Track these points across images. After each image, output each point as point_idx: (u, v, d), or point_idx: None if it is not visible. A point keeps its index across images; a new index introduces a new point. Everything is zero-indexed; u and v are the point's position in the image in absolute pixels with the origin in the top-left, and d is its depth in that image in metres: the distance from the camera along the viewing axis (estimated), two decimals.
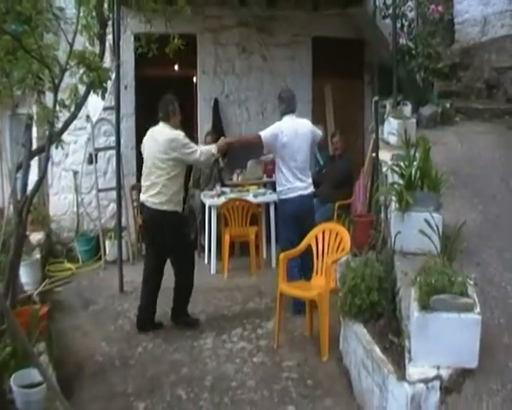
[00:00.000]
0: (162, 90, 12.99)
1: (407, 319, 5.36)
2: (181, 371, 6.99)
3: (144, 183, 8.12)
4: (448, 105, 10.95)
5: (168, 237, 8.04)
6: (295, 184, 8.58)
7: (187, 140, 8.10)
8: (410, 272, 5.52)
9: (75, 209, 12.12)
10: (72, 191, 12.11)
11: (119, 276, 9.87)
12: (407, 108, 10.17)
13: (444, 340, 4.80)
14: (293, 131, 8.57)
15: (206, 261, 10.95)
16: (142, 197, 8.14)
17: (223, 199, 10.79)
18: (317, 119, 12.97)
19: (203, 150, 8.23)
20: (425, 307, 4.85)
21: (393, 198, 6.85)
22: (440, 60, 11.09)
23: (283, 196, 8.67)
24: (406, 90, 10.83)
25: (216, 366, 7.10)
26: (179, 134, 8.04)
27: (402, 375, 4.95)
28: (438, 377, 4.75)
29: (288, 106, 8.76)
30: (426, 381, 4.74)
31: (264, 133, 8.53)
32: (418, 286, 5.00)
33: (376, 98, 9.35)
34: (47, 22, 6.66)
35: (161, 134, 8.03)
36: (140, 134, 12.06)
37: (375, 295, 6.22)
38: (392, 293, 6.29)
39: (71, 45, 6.65)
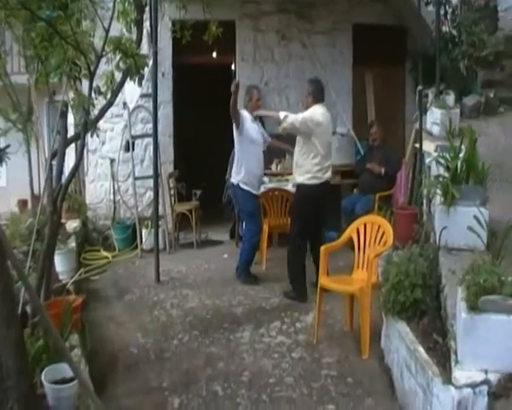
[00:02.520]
0: (200, 77, 12.83)
1: (453, 318, 5.14)
2: (217, 366, 6.82)
3: (325, 163, 8.77)
4: (492, 95, 10.63)
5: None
6: None
7: None
8: (457, 271, 5.29)
9: (112, 197, 12.08)
10: (108, 179, 12.08)
11: (156, 265, 9.76)
12: (450, 98, 9.89)
13: (492, 343, 4.57)
14: None
15: None
16: (326, 176, 8.81)
17: (261, 189, 10.58)
18: (358, 108, 12.78)
19: None
20: (473, 307, 4.62)
21: (438, 191, 6.61)
22: (484, 48, 10.77)
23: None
24: (449, 79, 10.55)
25: (253, 361, 6.93)
26: None
27: (448, 378, 4.73)
28: (486, 381, 4.53)
29: None
30: (473, 386, 4.53)
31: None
32: (466, 286, 4.77)
33: (420, 87, 9.09)
34: (84, 8, 6.52)
35: (328, 114, 8.93)
36: (177, 122, 12.03)
37: (418, 292, 6.01)
38: (436, 290, 6.07)
39: (107, 32, 6.55)
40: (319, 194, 8.78)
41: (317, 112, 8.69)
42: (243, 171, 9.63)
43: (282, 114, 8.69)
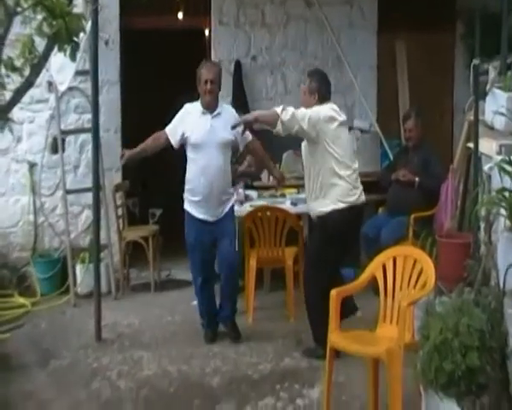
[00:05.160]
0: (160, 48, 12.76)
1: None
2: None
3: (356, 175, 8.90)
4: None
5: None
6: None
7: None
8: None
9: (32, 218, 12.02)
10: (27, 192, 12.00)
11: (96, 317, 9.66)
12: None
13: None
14: None
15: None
16: (362, 198, 8.92)
17: (247, 207, 10.56)
18: (386, 92, 12.72)
19: None
20: None
21: (503, 212, 6.51)
22: None
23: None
24: None
25: None
26: None
27: None
28: None
29: None
30: None
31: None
32: None
33: (477, 61, 9.01)
34: None
35: (341, 112, 8.96)
36: (127, 110, 11.94)
37: (474, 357, 5.89)
38: (501, 356, 5.96)
39: None
40: (356, 220, 9.06)
41: (327, 107, 8.70)
42: (186, 186, 9.61)
43: (278, 109, 8.45)
